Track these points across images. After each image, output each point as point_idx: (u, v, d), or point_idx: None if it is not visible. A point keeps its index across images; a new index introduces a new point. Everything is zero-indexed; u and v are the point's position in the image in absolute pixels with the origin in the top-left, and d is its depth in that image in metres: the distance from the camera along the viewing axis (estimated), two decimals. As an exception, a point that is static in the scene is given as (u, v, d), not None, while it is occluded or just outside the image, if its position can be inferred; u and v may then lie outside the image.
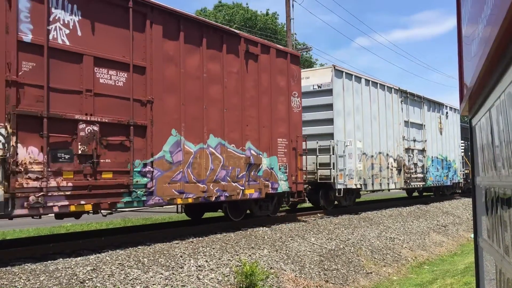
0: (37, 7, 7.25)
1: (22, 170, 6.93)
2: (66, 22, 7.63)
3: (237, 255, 8.78)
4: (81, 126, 7.72)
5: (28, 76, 7.08)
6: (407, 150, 19.07)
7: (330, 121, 14.83)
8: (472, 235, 8.89)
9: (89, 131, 7.82)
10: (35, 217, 7.48)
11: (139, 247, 8.45)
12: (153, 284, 6.86)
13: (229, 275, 7.80)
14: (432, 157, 21.26)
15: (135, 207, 8.81)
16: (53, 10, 7.45)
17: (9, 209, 6.78)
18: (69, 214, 8.14)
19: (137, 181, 8.51)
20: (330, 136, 14.77)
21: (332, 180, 14.52)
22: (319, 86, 15.08)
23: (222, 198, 10.36)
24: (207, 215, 13.36)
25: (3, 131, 6.74)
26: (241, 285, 7.43)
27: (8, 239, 8.93)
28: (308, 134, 14.45)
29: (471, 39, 2.44)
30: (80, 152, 7.67)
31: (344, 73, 15.35)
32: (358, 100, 15.96)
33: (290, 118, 12.48)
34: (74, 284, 6.33)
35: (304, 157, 13.27)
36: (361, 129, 15.98)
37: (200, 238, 9.45)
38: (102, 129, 8.01)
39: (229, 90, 10.66)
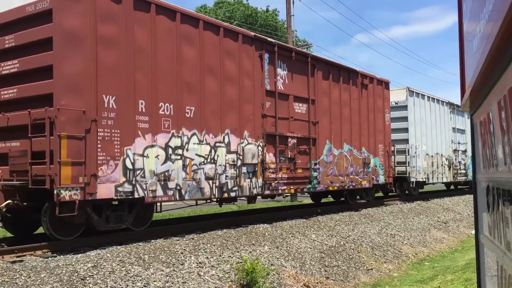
0: (271, 68, 11.89)
1: (268, 167, 11.58)
2: (281, 75, 12.27)
3: (238, 251, 8.75)
4: (289, 139, 12.37)
5: (268, 111, 11.73)
6: (454, 151, 23.63)
7: (405, 130, 19.44)
8: (473, 232, 9.26)
9: (292, 142, 12.46)
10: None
11: (140, 243, 8.36)
12: (154, 281, 6.82)
13: (229, 272, 7.78)
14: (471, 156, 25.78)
15: (311, 192, 13.48)
16: (277, 69, 12.08)
17: (263, 191, 11.44)
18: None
19: (312, 175, 13.15)
20: (405, 141, 19.38)
21: (407, 175, 19.15)
22: (396, 103, 19.66)
23: (351, 187, 15.00)
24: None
25: (261, 144, 11.40)
26: (242, 282, 7.42)
27: (9, 237, 9.13)
28: (389, 139, 19.05)
29: (473, 35, 2.36)
30: (289, 156, 12.32)
31: (414, 92, 19.95)
32: (422, 113, 20.56)
33: (384, 129, 17.10)
34: (74, 281, 6.29)
35: (392, 157, 17.88)
36: (425, 135, 20.57)
37: (201, 235, 9.39)
38: (297, 141, 12.65)
39: (353, 111, 15.27)
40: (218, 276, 7.56)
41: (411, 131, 19.57)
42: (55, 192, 7.21)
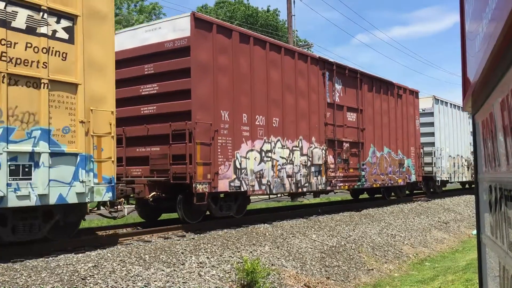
0: (330, 84, 14.15)
1: (328, 167, 13.82)
2: (337, 89, 14.52)
3: (238, 251, 8.81)
4: (344, 144, 14.61)
5: (328, 120, 13.98)
6: (472, 152, 25.79)
7: (431, 134, 21.67)
8: (474, 232, 10.31)
9: (346, 146, 14.70)
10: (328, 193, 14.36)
11: (140, 243, 8.49)
12: (155, 281, 6.86)
13: (230, 272, 7.84)
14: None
15: (359, 188, 15.73)
16: (335, 84, 14.34)
17: (326, 187, 13.69)
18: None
19: (361, 174, 15.39)
20: (431, 144, 21.60)
21: (433, 174, 21.36)
22: (423, 110, 21.89)
23: (389, 185, 17.24)
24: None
25: (324, 148, 13.65)
26: (242, 282, 7.46)
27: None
28: (417, 143, 21.23)
29: (475, 35, 2.34)
30: (344, 157, 14.56)
31: (439, 100, 22.19)
32: (446, 118, 22.79)
33: (415, 133, 19.34)
34: (75, 280, 6.32)
35: (421, 158, 20.11)
36: (448, 139, 22.79)
37: (201, 235, 9.43)
38: (349, 145, 14.89)
39: (390, 118, 17.50)
40: (219, 276, 7.66)
41: (437, 135, 21.79)
42: (193, 185, 9.48)
